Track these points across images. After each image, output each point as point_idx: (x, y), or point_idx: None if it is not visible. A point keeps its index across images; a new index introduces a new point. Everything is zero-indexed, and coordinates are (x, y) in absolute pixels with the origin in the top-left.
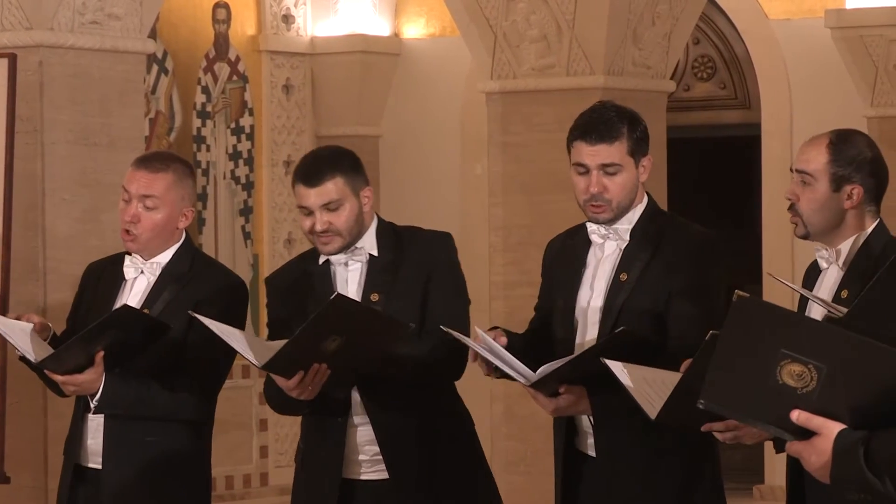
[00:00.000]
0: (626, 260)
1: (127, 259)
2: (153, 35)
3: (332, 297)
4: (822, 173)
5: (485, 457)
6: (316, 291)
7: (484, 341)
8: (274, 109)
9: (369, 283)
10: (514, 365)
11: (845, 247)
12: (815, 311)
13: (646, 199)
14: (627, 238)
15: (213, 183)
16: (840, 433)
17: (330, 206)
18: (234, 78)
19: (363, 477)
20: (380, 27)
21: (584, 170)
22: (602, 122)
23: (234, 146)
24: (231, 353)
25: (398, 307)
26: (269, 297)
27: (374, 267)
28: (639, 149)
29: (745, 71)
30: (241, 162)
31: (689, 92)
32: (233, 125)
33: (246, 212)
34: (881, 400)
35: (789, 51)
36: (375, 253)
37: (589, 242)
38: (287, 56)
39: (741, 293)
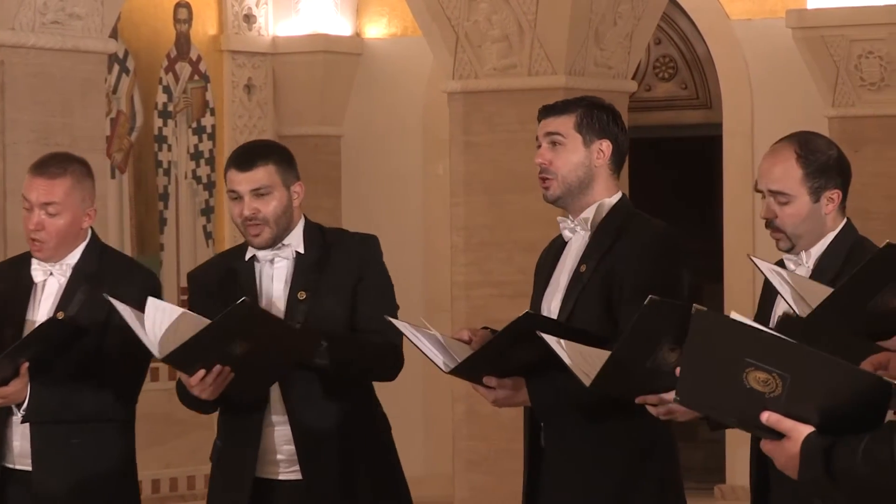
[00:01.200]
0: (587, 252)
1: (34, 262)
2: (114, 35)
3: (239, 301)
4: (800, 189)
5: (399, 463)
6: (240, 288)
7: (404, 329)
8: (235, 109)
9: (296, 281)
10: (439, 352)
11: (815, 249)
12: (782, 307)
13: (618, 196)
14: (590, 229)
15: (174, 183)
16: (807, 438)
17: (259, 192)
18: (196, 77)
19: (280, 477)
20: (341, 27)
21: (538, 144)
22: (563, 100)
23: (196, 146)
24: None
25: (326, 305)
26: (191, 293)
27: (301, 265)
28: (590, 128)
29: (706, 71)
30: (202, 162)
31: (650, 92)
32: (194, 125)
33: (207, 211)
34: (845, 407)
35: (750, 51)
36: (302, 250)
37: (565, 243)
38: (248, 56)
39: (699, 307)
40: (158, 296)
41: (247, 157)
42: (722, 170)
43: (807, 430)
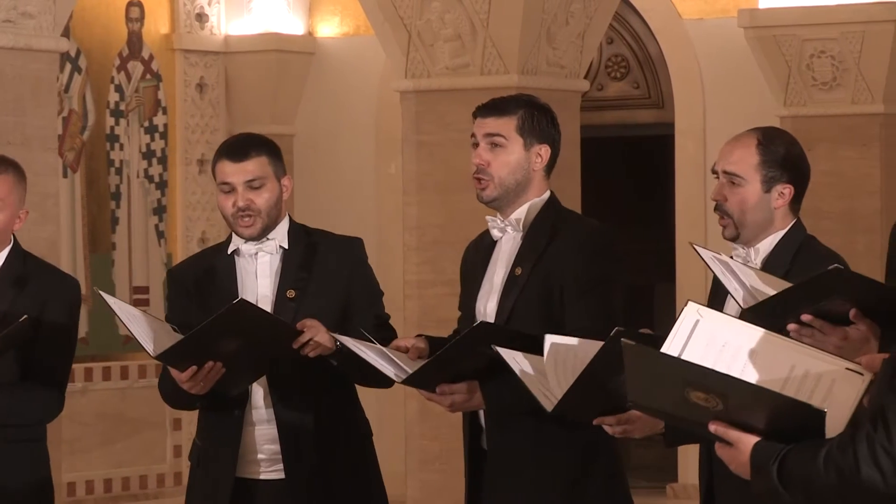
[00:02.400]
0: (521, 254)
1: None
2: (66, 33)
3: (234, 301)
4: (753, 174)
5: (378, 466)
6: (221, 284)
7: (355, 348)
8: (188, 108)
9: (284, 279)
10: (394, 363)
11: (763, 246)
12: (734, 305)
13: (547, 195)
14: (522, 230)
15: (126, 182)
16: (755, 447)
17: (253, 184)
18: (148, 76)
19: (262, 476)
20: (294, 26)
21: (475, 141)
22: (501, 99)
23: (148, 145)
24: (73, 350)
25: (316, 306)
26: (171, 289)
27: (288, 263)
28: (532, 132)
29: (658, 70)
30: (154, 161)
31: (602, 91)
32: (146, 124)
33: (159, 211)
34: (784, 421)
35: (703, 50)
36: (286, 246)
37: (495, 242)
38: (201, 55)
39: (626, 340)
40: (79, 304)
41: (240, 147)
42: (674, 169)
43: (753, 439)
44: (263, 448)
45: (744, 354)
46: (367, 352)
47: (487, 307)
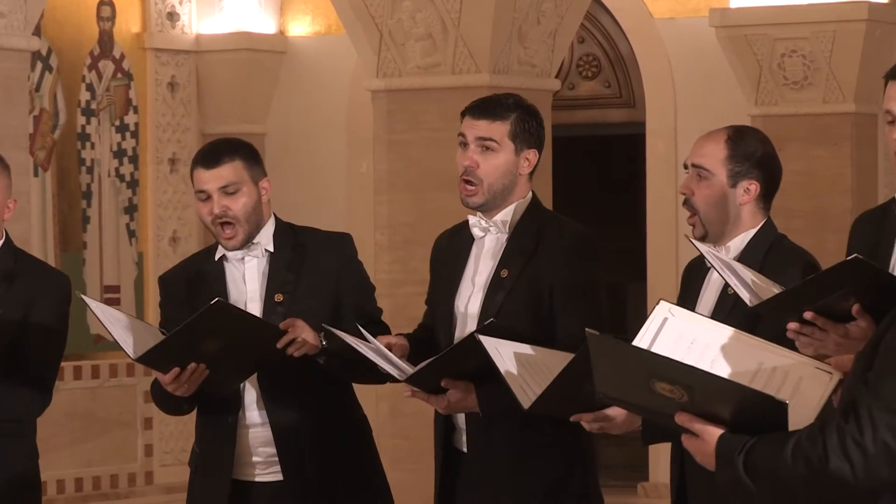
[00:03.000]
0: (507, 256)
1: None
2: (38, 32)
3: (212, 301)
4: (720, 168)
5: (381, 464)
6: (211, 290)
7: (360, 348)
8: (159, 107)
9: (272, 283)
10: (393, 361)
11: (734, 244)
12: (704, 304)
13: (530, 196)
14: (507, 231)
15: (97, 181)
16: (720, 438)
17: (228, 190)
18: (119, 75)
19: (258, 479)
20: (265, 25)
21: (464, 140)
22: (494, 101)
23: (119, 144)
24: (63, 347)
25: (305, 308)
26: (163, 296)
27: (275, 266)
28: (523, 138)
29: (629, 70)
30: (125, 160)
31: (574, 91)
32: (117, 123)
33: (131, 210)
34: (749, 415)
35: (674, 50)
36: (272, 249)
37: (473, 238)
38: (172, 54)
39: (591, 331)
40: (70, 299)
41: (212, 154)
42: (645, 168)
43: (718, 431)
44: (258, 450)
45: (712, 351)
46: (366, 350)
47: (469, 306)
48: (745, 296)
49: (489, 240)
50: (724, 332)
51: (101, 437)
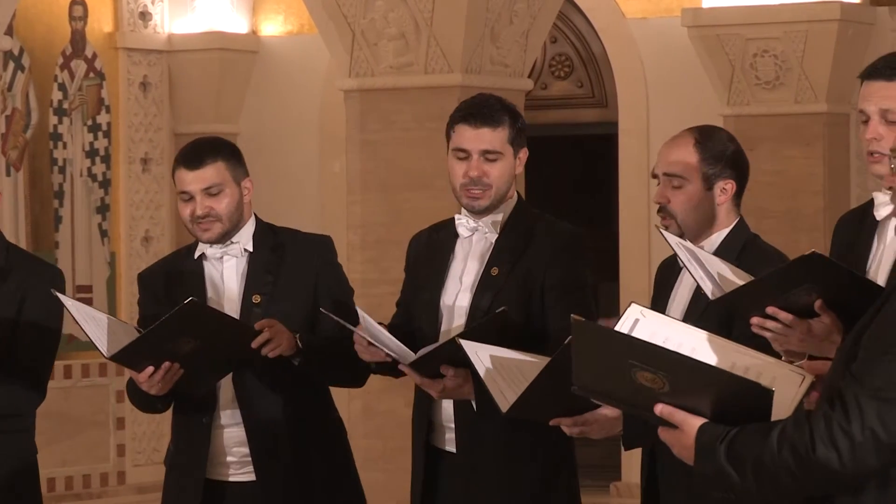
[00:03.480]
0: (497, 254)
1: None
2: (10, 32)
3: (185, 301)
4: (694, 173)
5: (354, 465)
6: (187, 288)
7: (365, 322)
8: (131, 107)
9: (251, 284)
10: (393, 346)
11: (708, 244)
12: (678, 304)
13: (516, 196)
14: (497, 231)
15: (69, 180)
16: (700, 428)
17: (211, 191)
18: (91, 75)
19: (231, 479)
20: (238, 24)
21: (465, 154)
22: (486, 106)
23: (91, 143)
24: (57, 341)
25: (283, 309)
26: (141, 294)
27: (254, 266)
28: (518, 140)
29: (602, 70)
30: (98, 159)
31: (546, 90)
32: (90, 122)
33: (103, 209)
34: (730, 405)
35: (646, 49)
36: (251, 248)
37: (456, 236)
38: (144, 53)
39: (576, 317)
40: (63, 292)
41: (195, 155)
42: (617, 168)
43: (699, 421)
44: (232, 450)
45: (685, 350)
46: (383, 332)
47: (457, 303)
48: (708, 288)
49: (477, 239)
50: (696, 333)
51: (74, 437)
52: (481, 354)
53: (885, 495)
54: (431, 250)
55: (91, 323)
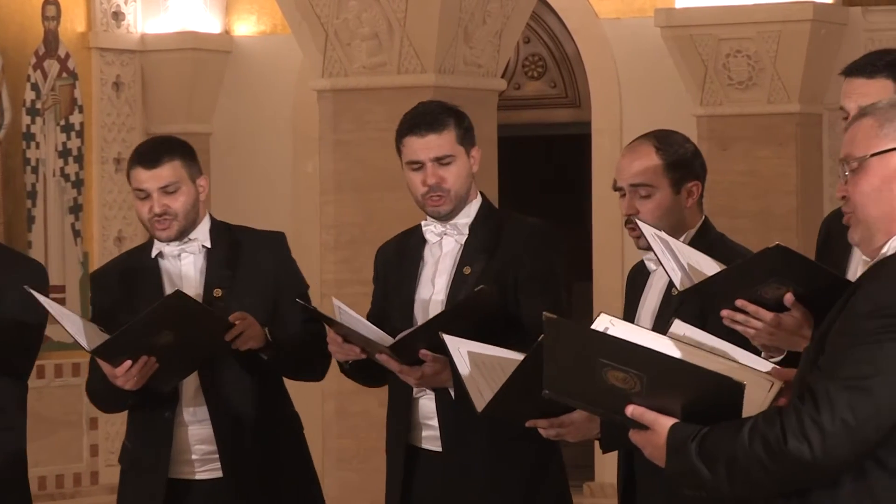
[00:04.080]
0: (469, 254)
1: None
2: None
3: (172, 292)
4: (661, 180)
5: (312, 461)
6: (145, 285)
7: (341, 312)
8: (104, 107)
9: (211, 279)
10: (372, 332)
11: None
12: (648, 307)
13: (480, 196)
14: (466, 233)
15: (42, 180)
16: (672, 428)
17: (168, 189)
18: (64, 75)
19: (195, 476)
20: (210, 24)
21: (419, 165)
22: (428, 114)
23: (64, 143)
24: (40, 336)
25: (245, 304)
26: (95, 292)
27: (212, 262)
28: (467, 139)
29: (575, 70)
30: (70, 159)
31: (519, 90)
32: (62, 122)
33: (76, 209)
34: (702, 403)
35: (619, 50)
36: (209, 245)
37: (424, 242)
38: (117, 53)
39: (548, 314)
40: (46, 286)
41: (152, 154)
42: (591, 168)
43: (669, 421)
44: (196, 448)
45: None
46: (361, 319)
47: (432, 305)
48: (677, 278)
49: (447, 243)
50: (667, 341)
51: (47, 437)
52: (462, 351)
53: (861, 488)
54: (401, 257)
55: (66, 320)
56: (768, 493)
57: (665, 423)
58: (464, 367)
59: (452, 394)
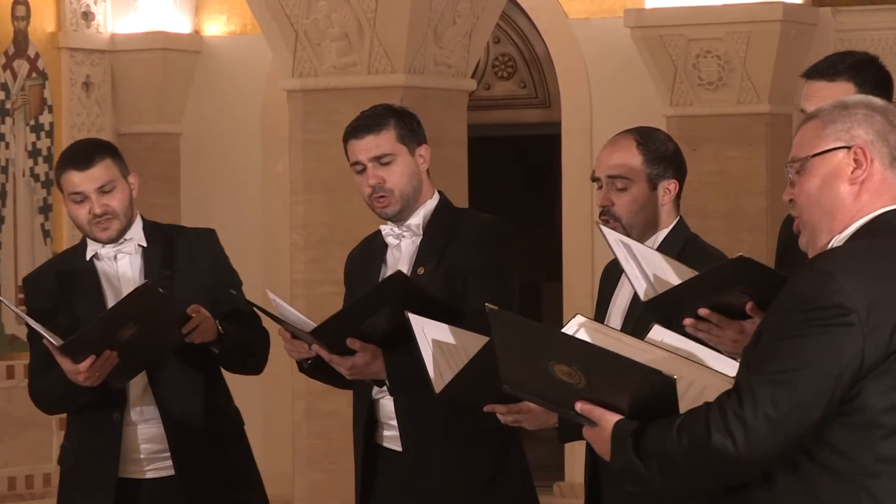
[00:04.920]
0: (422, 254)
1: None
2: None
3: (141, 284)
4: (639, 174)
5: (253, 457)
6: (83, 288)
7: (274, 302)
8: (73, 107)
9: (150, 279)
10: (294, 318)
11: (649, 244)
12: (618, 307)
13: (437, 196)
14: (421, 233)
15: (12, 180)
16: (617, 424)
17: (104, 189)
18: (34, 75)
19: (143, 475)
20: (180, 24)
21: (361, 167)
22: (367, 116)
23: (34, 143)
24: None
25: (188, 300)
26: (30, 294)
27: (149, 261)
28: (411, 137)
29: (545, 70)
30: (40, 159)
31: (489, 91)
32: (32, 122)
33: (45, 209)
34: (641, 398)
35: (589, 50)
36: (144, 244)
37: (386, 245)
38: (87, 53)
39: (491, 306)
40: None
41: (83, 155)
42: (561, 168)
43: (615, 417)
44: (143, 447)
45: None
46: (287, 307)
47: None
48: (641, 288)
49: (405, 245)
50: (636, 343)
51: (16, 437)
52: (428, 332)
53: (796, 484)
54: (365, 261)
55: (31, 320)
56: (697, 488)
57: (611, 418)
58: (426, 347)
59: (387, 385)
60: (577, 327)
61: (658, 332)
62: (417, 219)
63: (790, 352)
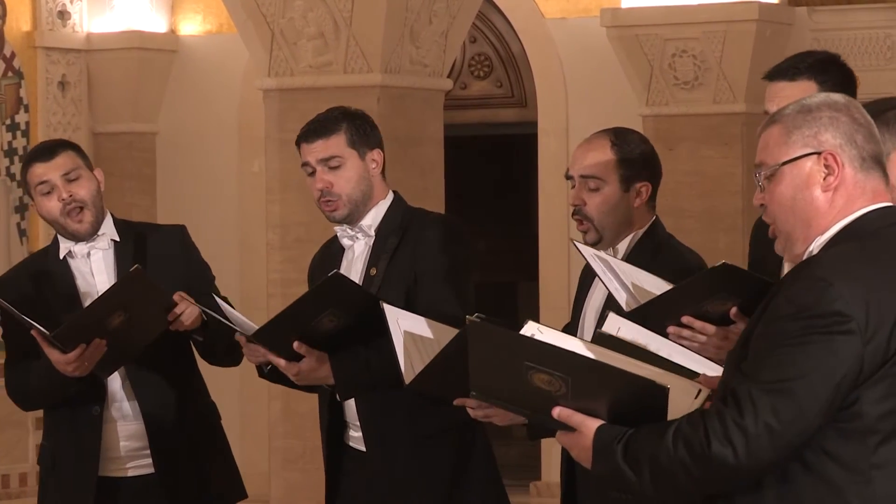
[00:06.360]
0: (375, 255)
1: None
2: None
3: (132, 269)
4: (611, 175)
5: (231, 450)
6: (59, 286)
7: (223, 307)
8: (49, 106)
9: (122, 273)
10: (239, 321)
11: (622, 246)
12: (591, 309)
13: (391, 196)
14: (373, 235)
15: None
16: (598, 429)
17: (70, 177)
18: (10, 74)
19: (123, 473)
20: (156, 24)
21: (311, 170)
22: (318, 121)
23: (10, 143)
24: None
25: None
26: (5, 296)
27: (122, 257)
28: (361, 141)
29: (521, 69)
30: (16, 159)
31: (465, 90)
32: (8, 122)
33: (21, 209)
34: (628, 406)
35: (565, 49)
36: (118, 238)
37: (343, 248)
38: (63, 52)
39: (471, 318)
40: None
41: (47, 148)
42: (537, 168)
43: (596, 423)
44: (123, 445)
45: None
46: (232, 311)
47: None
48: (622, 299)
49: (358, 246)
50: (592, 347)
51: None
52: (402, 323)
53: (785, 492)
54: (324, 265)
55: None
56: (692, 496)
57: (591, 425)
58: (398, 338)
59: (336, 387)
60: (533, 332)
61: (613, 320)
62: (370, 220)
63: (790, 360)
